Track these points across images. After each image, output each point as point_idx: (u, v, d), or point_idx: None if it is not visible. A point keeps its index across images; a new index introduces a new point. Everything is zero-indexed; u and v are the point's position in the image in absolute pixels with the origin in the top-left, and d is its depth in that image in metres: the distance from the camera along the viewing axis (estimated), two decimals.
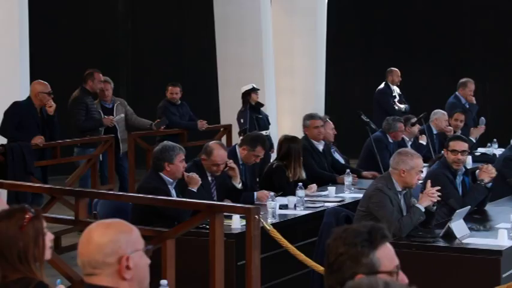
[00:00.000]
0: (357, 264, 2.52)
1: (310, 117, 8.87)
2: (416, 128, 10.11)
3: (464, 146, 6.94)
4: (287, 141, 7.99)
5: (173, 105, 10.96)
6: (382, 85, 12.37)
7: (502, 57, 15.76)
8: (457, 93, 11.86)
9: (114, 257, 2.60)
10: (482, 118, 11.41)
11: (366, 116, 9.44)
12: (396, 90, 12.34)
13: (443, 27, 16.12)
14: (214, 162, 6.89)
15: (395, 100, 12.09)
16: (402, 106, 12.05)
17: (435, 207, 6.06)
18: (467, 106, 11.68)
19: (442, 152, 7.31)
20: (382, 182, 6.04)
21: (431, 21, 16.20)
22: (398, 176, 5.99)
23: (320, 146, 8.75)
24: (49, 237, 3.33)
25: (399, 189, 6.02)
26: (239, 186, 7.13)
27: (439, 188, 6.04)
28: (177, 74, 14.13)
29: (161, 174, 6.40)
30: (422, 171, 6.24)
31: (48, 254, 3.31)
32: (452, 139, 7.13)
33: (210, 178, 7.01)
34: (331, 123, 9.20)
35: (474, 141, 10.99)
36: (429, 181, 6.09)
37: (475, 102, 11.78)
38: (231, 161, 7.05)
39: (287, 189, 7.50)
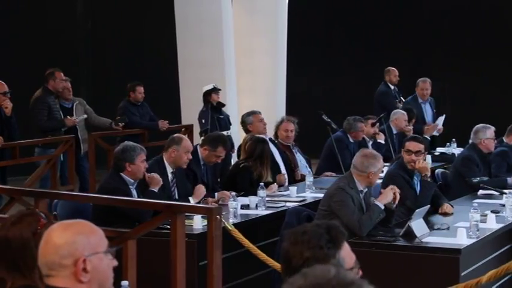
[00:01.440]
0: None
1: (252, 113, 9.08)
2: (372, 129, 10.14)
3: (419, 146, 6.95)
4: (260, 142, 8.00)
5: (133, 106, 10.93)
6: (381, 86, 12.39)
7: (460, 58, 15.94)
8: (416, 93, 11.97)
9: (70, 259, 2.57)
10: (440, 118, 11.51)
11: (327, 115, 9.49)
12: (395, 90, 12.39)
13: (404, 28, 16.26)
14: (187, 149, 6.97)
15: (396, 100, 12.13)
16: (401, 105, 12.11)
17: (395, 205, 6.11)
18: (423, 105, 11.72)
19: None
20: (344, 182, 6.07)
21: (392, 22, 16.33)
22: (364, 177, 6.02)
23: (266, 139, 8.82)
24: None
25: (361, 188, 6.06)
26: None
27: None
28: (138, 74, 14.07)
29: (122, 174, 6.37)
30: (383, 171, 6.31)
31: None
32: (408, 139, 7.18)
33: (170, 176, 7.00)
34: (289, 124, 9.18)
35: (429, 138, 11.08)
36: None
37: (427, 98, 11.81)
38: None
39: (249, 191, 7.50)
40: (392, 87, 12.37)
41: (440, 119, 11.48)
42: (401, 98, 12.27)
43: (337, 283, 1.94)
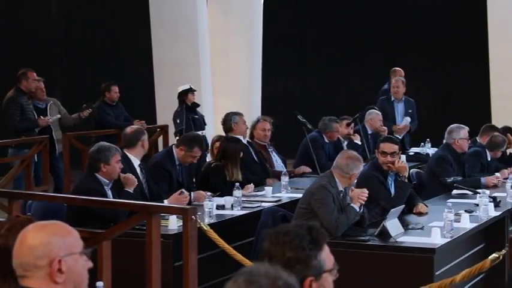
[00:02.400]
0: (307, 267, 2.55)
1: (238, 113, 9.04)
2: (346, 130, 10.15)
3: (394, 148, 6.92)
4: (227, 141, 8.02)
5: (108, 106, 10.89)
6: (385, 85, 12.37)
7: (434, 58, 16.04)
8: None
9: (46, 260, 2.56)
10: (407, 118, 11.47)
11: (302, 116, 9.51)
12: None
13: (377, 28, 16.33)
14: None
15: None
16: None
17: (361, 210, 6.13)
18: (395, 104, 11.68)
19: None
20: (326, 180, 6.09)
21: (366, 21, 16.39)
22: (346, 178, 6.05)
23: (244, 141, 8.85)
24: None
25: (341, 188, 6.09)
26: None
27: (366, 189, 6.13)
28: (113, 74, 14.02)
29: (97, 175, 6.34)
30: None
31: None
32: (383, 140, 7.14)
33: (138, 169, 6.98)
34: (266, 123, 9.20)
35: (400, 137, 11.12)
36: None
37: (400, 97, 11.77)
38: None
39: (223, 190, 7.51)
40: None
41: (407, 119, 11.39)
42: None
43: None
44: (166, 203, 6.70)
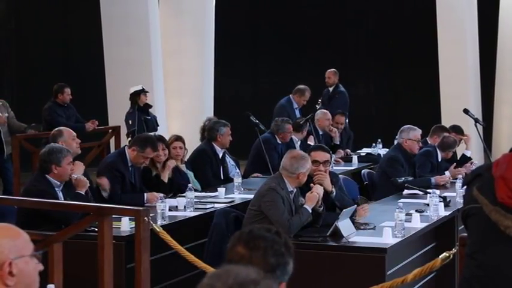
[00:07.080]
0: (284, 272, 2.60)
1: (225, 124, 8.92)
2: (301, 133, 10.18)
3: (326, 156, 6.57)
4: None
5: (60, 107, 10.79)
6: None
7: (385, 59, 16.20)
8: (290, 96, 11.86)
9: None
10: None
11: (255, 117, 9.52)
12: (328, 91, 12.68)
13: (329, 29, 16.43)
14: (72, 136, 7.20)
15: (319, 100, 12.27)
16: (317, 106, 12.25)
17: (322, 208, 6.16)
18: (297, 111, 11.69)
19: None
20: (275, 182, 6.09)
21: (318, 22, 16.48)
22: (294, 178, 6.05)
23: (221, 153, 8.85)
24: None
25: (291, 189, 6.10)
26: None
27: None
28: (64, 75, 13.89)
29: (48, 176, 6.28)
30: None
31: None
32: (314, 149, 6.73)
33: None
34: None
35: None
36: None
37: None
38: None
39: (162, 188, 7.54)
40: (327, 88, 12.65)
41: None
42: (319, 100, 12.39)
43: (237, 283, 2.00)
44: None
